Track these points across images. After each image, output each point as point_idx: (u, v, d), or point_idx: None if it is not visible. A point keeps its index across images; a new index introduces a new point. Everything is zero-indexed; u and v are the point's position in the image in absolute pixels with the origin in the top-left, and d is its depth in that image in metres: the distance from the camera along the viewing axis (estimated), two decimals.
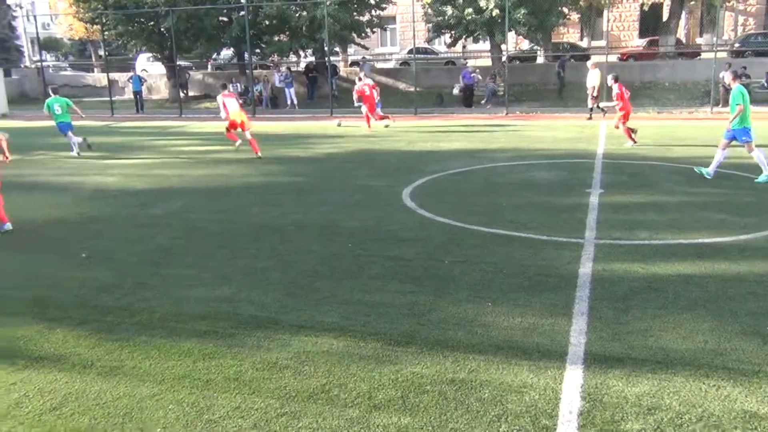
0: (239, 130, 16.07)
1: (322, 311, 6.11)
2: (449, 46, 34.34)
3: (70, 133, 17.14)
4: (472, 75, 28.14)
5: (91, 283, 7.10)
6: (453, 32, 31.09)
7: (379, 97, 21.61)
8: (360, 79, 21.66)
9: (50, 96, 17.54)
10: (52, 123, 17.67)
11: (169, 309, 6.28)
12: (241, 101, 16.51)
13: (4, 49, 47.78)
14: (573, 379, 4.72)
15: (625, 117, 16.11)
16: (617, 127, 16.35)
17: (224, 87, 17.48)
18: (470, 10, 27.41)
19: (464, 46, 39.45)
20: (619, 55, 36.21)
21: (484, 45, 37.73)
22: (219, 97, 16.54)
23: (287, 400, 4.55)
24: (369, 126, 20.86)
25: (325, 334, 5.57)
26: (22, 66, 45.97)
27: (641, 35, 42.97)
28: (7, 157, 10.52)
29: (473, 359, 5.06)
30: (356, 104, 21.54)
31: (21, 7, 48.61)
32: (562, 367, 4.89)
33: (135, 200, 11.32)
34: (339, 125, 22.21)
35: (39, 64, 39.01)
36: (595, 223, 8.93)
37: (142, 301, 6.51)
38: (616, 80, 16.56)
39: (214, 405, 4.51)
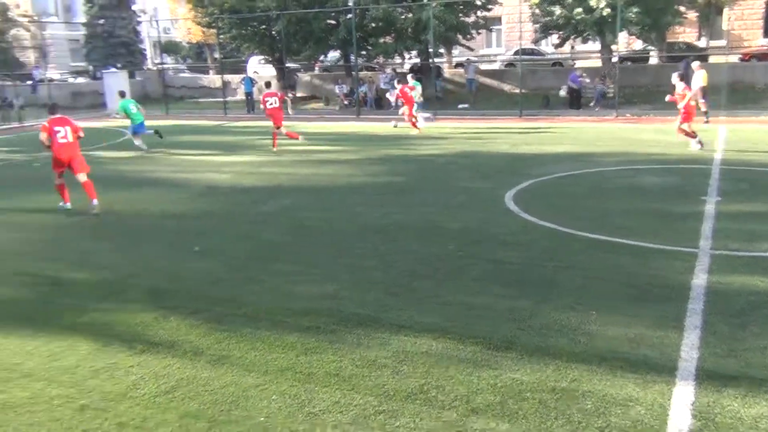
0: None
1: (421, 312, 6.12)
2: (557, 46, 33.48)
3: (135, 135, 18.51)
4: (580, 79, 27.33)
5: (202, 275, 7.45)
6: (561, 32, 30.29)
7: (420, 100, 22.28)
8: (398, 82, 22.09)
9: (124, 98, 18.80)
10: (171, 122, 18.67)
11: (274, 303, 6.49)
12: (277, 100, 17.80)
13: (129, 52, 50.94)
14: (683, 395, 4.49)
15: (687, 118, 15.44)
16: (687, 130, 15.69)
17: (268, 85, 18.99)
18: (579, 9, 26.62)
19: (572, 47, 38.39)
20: (741, 56, 34.09)
21: (594, 45, 36.55)
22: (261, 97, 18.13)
23: (385, 398, 4.59)
24: (417, 129, 20.87)
25: (424, 335, 5.58)
26: (145, 68, 48.80)
27: (766, 34, 40.27)
28: None
29: (576, 368, 4.92)
30: (395, 106, 22.36)
31: (145, 13, 51.67)
32: (671, 383, 4.66)
33: (245, 197, 11.77)
34: (395, 126, 22.27)
35: (160, 66, 41.34)
36: (710, 233, 8.44)
37: (250, 294, 6.77)
38: (681, 78, 15.88)
39: (314, 398, 4.62)
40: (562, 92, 27.85)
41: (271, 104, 17.41)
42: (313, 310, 6.26)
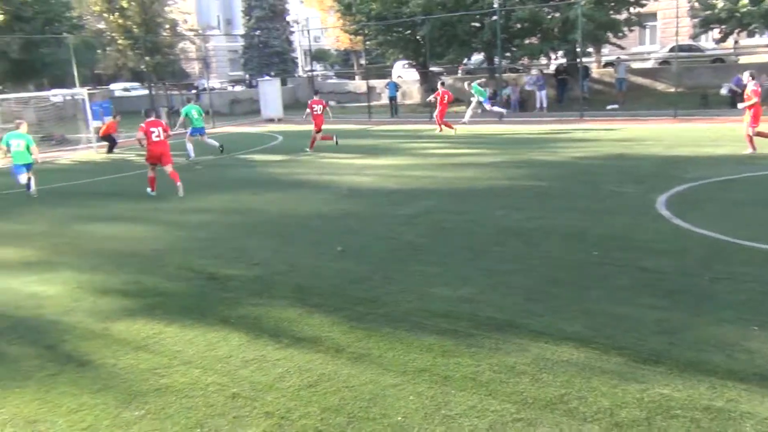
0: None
1: (563, 319, 5.94)
2: (718, 42, 31.26)
3: (203, 138, 20.09)
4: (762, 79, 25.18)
5: (345, 274, 7.69)
6: (723, 27, 28.22)
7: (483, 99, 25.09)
8: (443, 84, 24.09)
9: (189, 104, 20.83)
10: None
11: (413, 304, 6.57)
12: (322, 107, 20.11)
13: (282, 61, 53.72)
14: None
15: (755, 119, 14.47)
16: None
17: (316, 93, 21.15)
18: (746, 1, 24.66)
19: (736, 42, 35.61)
20: None
21: (761, 39, 33.72)
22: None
23: (523, 405, 4.50)
24: (441, 129, 22.56)
25: (565, 343, 5.42)
26: (296, 75, 51.18)
27: None
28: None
29: (733, 387, 4.56)
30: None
31: (297, 23, 54.17)
32: None
33: (386, 199, 12.00)
34: (455, 132, 21.72)
35: (310, 73, 43.16)
36: None
37: (389, 294, 6.90)
38: (753, 77, 14.80)
39: (451, 401, 4.62)
40: (723, 91, 25.87)
41: (316, 111, 19.84)
42: (451, 312, 6.27)
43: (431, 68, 33.49)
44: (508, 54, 31.09)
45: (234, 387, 5.02)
